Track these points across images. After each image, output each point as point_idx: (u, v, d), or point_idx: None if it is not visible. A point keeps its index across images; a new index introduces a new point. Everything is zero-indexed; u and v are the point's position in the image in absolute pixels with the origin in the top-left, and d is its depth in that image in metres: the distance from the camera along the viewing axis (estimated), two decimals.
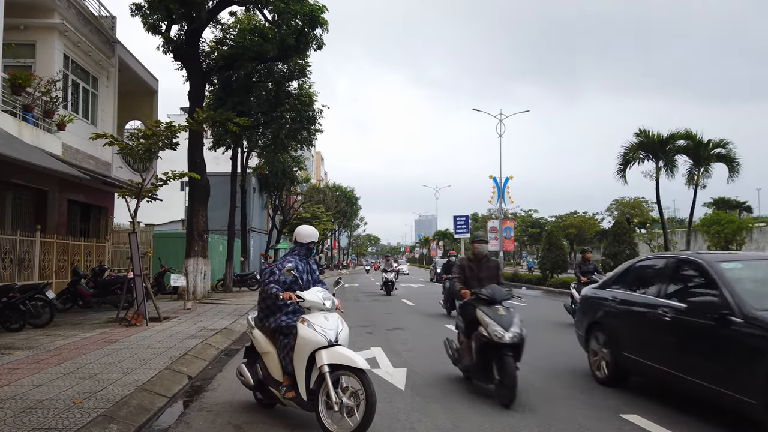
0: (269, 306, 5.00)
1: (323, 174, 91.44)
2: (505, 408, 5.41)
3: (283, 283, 4.88)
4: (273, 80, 21.44)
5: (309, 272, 5.21)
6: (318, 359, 4.43)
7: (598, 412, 5.33)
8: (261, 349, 5.05)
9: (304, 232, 5.28)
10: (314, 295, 4.74)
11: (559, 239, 34.05)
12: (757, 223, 54.13)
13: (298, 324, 4.65)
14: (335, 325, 4.62)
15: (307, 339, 4.50)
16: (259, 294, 5.18)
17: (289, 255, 5.23)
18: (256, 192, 34.51)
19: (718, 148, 16.39)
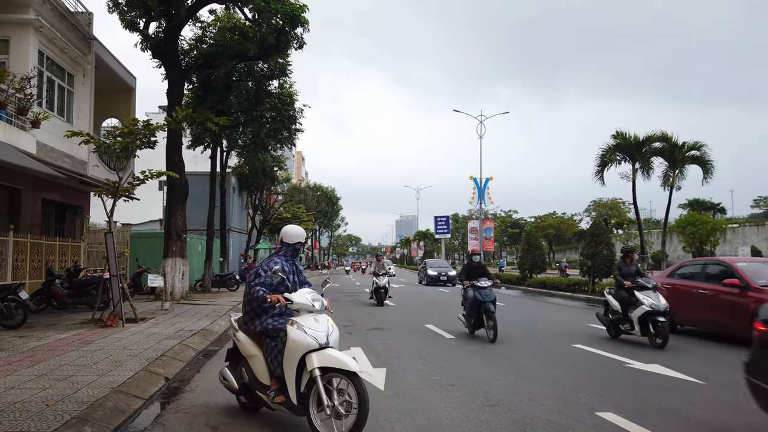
0: (255, 308, 4.87)
1: (304, 174, 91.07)
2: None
3: (270, 285, 4.77)
4: (253, 79, 21.29)
5: (296, 273, 5.12)
6: (308, 362, 4.34)
7: (574, 410, 5.40)
8: (246, 353, 4.92)
9: (291, 232, 5.16)
10: (303, 296, 4.63)
11: (538, 240, 34.35)
12: (730, 224, 55.34)
13: (287, 327, 4.54)
14: (326, 327, 4.52)
15: (298, 342, 4.40)
16: (244, 296, 5.06)
17: (275, 256, 5.11)
18: (236, 192, 34.25)
19: (692, 151, 16.72)
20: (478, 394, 5.99)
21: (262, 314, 4.81)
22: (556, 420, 5.05)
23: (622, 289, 10.02)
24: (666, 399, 5.82)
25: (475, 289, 10.06)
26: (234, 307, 14.78)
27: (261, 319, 4.79)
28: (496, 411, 5.35)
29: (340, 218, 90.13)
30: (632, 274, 10.09)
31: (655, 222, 65.23)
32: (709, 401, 5.76)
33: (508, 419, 5.09)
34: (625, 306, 9.85)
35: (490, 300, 9.93)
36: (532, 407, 5.49)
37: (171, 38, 17.26)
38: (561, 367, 7.60)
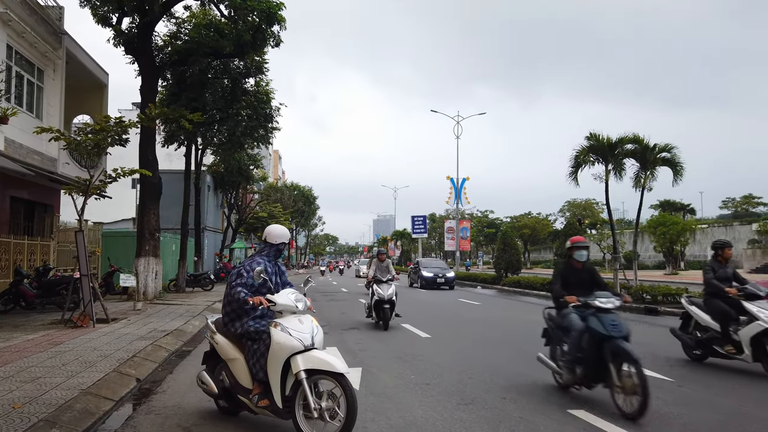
0: (235, 310, 4.72)
1: (281, 173, 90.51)
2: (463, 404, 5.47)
3: (251, 287, 4.64)
4: (229, 77, 21.10)
5: (278, 274, 4.98)
6: (294, 365, 4.24)
7: (547, 408, 5.47)
8: (226, 356, 4.78)
9: (275, 232, 5.01)
10: (285, 297, 4.53)
11: (513, 240, 34.75)
12: (699, 224, 56.67)
13: (271, 329, 4.42)
14: (310, 327, 4.43)
15: (283, 344, 4.29)
16: (224, 297, 4.91)
17: (258, 256, 4.97)
18: (211, 190, 33.86)
19: (663, 153, 17.03)
20: (453, 393, 6.02)
21: (243, 316, 4.68)
22: (529, 417, 5.11)
23: (719, 297, 7.47)
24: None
25: (592, 314, 5.65)
26: (208, 307, 14.63)
27: (242, 321, 4.66)
28: (470, 409, 5.39)
29: (318, 217, 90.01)
30: (729, 278, 7.68)
31: (627, 222, 66.41)
32: (677, 398, 5.88)
33: (482, 417, 5.13)
34: (725, 321, 7.31)
35: (622, 335, 5.48)
36: (506, 405, 5.55)
37: (145, 34, 16.99)
38: (535, 366, 7.67)
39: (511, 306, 18.25)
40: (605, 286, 6.18)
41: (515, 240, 50.71)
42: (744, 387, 6.47)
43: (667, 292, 16.34)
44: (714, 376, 7.08)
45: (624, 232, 48.79)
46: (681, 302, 8.61)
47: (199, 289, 21.79)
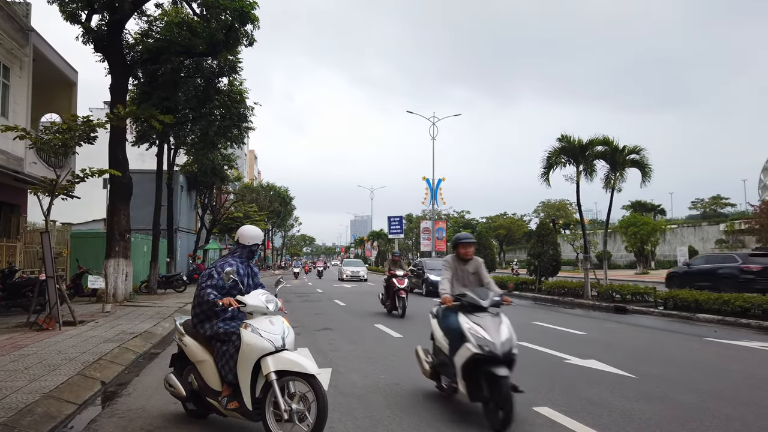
0: (204, 311, 4.66)
1: (257, 173, 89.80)
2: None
3: (221, 288, 4.57)
4: (202, 76, 20.86)
5: (250, 276, 4.90)
6: (264, 366, 4.19)
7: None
8: (195, 358, 4.71)
9: (248, 233, 4.94)
10: (256, 299, 4.47)
11: (488, 239, 35.15)
12: (669, 225, 57.89)
13: (241, 330, 4.37)
14: (281, 329, 4.38)
15: (253, 345, 4.24)
16: (194, 298, 4.85)
17: (230, 257, 4.90)
18: (184, 190, 33.45)
19: (632, 154, 17.39)
20: (422, 392, 6.07)
21: (213, 317, 4.62)
22: None
23: None
24: (599, 393, 6.05)
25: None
26: (179, 309, 14.46)
27: (211, 322, 4.61)
28: (437, 407, 5.44)
29: (294, 218, 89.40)
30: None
31: (600, 223, 67.48)
32: (639, 394, 6.01)
33: (448, 415, 5.18)
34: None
35: None
36: (472, 404, 5.59)
37: (115, 32, 16.71)
38: None
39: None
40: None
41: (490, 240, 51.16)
42: (706, 383, 6.64)
43: (636, 291, 16.67)
44: (677, 372, 7.24)
45: (596, 232, 49.60)
46: None
47: (171, 290, 21.51)
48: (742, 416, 5.20)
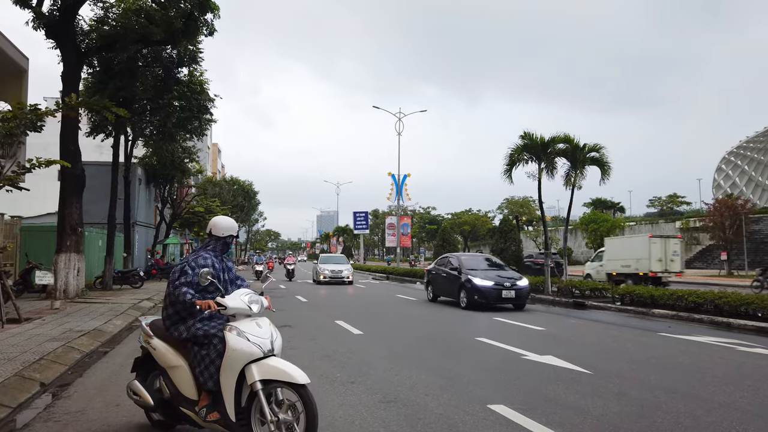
0: (178, 311, 4.22)
1: (220, 166, 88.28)
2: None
3: (197, 285, 4.18)
4: (161, 65, 20.26)
5: (225, 270, 4.51)
6: (248, 375, 3.87)
7: (468, 403, 5.48)
8: (166, 363, 4.28)
9: (222, 224, 4.55)
10: (238, 301, 4.10)
11: (452, 236, 35.36)
12: (628, 222, 59.42)
13: (226, 333, 4.01)
14: (269, 332, 4.06)
15: (239, 351, 3.90)
16: (165, 297, 4.38)
17: (203, 250, 4.47)
18: (143, 183, 32.54)
19: (592, 152, 17.67)
20: (376, 391, 5.95)
21: (189, 318, 4.19)
22: (449, 414, 5.10)
23: None
24: (555, 389, 6.04)
25: None
26: (134, 306, 14.02)
27: (187, 323, 4.17)
28: (391, 407, 5.33)
29: (258, 213, 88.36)
30: None
31: (562, 219, 68.89)
32: (594, 390, 6.03)
33: (402, 415, 5.08)
34: None
35: None
36: (427, 402, 5.52)
37: (67, 17, 16.03)
38: (461, 361, 7.74)
39: (446, 302, 18.43)
40: None
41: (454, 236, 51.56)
42: (659, 378, 6.71)
43: (594, 287, 16.96)
44: (632, 368, 7.32)
45: (558, 229, 50.49)
46: None
47: (127, 286, 20.88)
48: (692, 412, 5.25)
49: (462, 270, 15.94)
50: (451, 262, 17.19)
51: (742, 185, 60.08)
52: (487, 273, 15.62)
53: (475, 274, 15.47)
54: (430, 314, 14.25)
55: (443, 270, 17.16)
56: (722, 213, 38.06)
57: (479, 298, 14.77)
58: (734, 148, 59.62)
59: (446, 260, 17.72)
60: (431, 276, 18.16)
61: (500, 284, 14.89)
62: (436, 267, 17.96)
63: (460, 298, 15.53)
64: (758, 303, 11.64)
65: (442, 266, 17.47)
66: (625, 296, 15.14)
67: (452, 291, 16.33)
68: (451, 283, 16.41)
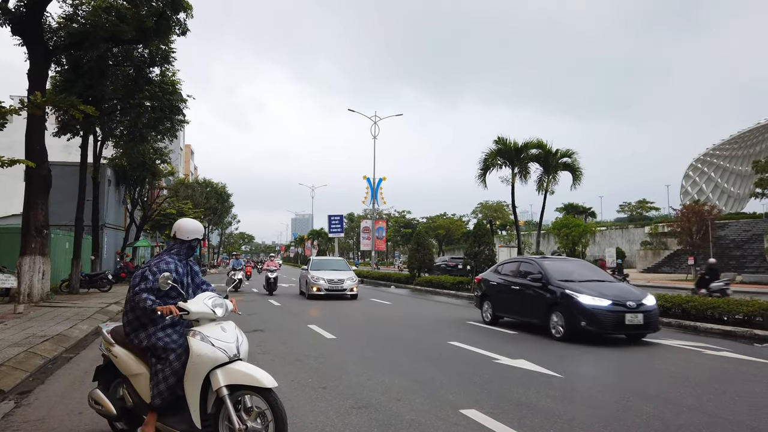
0: (138, 318, 4.07)
1: (193, 168, 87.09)
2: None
3: (158, 291, 4.04)
4: (132, 64, 19.87)
5: (190, 275, 4.37)
6: (214, 381, 3.77)
7: (440, 408, 5.45)
8: (128, 371, 4.14)
9: (187, 226, 4.39)
10: (201, 305, 3.98)
11: (426, 239, 35.38)
12: (599, 227, 60.39)
13: (189, 338, 3.90)
14: (234, 336, 3.95)
15: (204, 356, 3.78)
16: (125, 303, 4.24)
17: (167, 254, 4.31)
18: (112, 185, 31.87)
19: (564, 158, 17.93)
20: (348, 396, 5.89)
21: (149, 325, 4.04)
22: (420, 419, 5.06)
23: None
24: (527, 393, 6.06)
25: None
26: (101, 310, 13.68)
27: (148, 330, 4.03)
28: (362, 413, 5.27)
29: (232, 215, 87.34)
30: None
31: (535, 224, 69.66)
32: (565, 394, 6.06)
33: (374, 420, 5.02)
34: None
35: None
36: (399, 407, 5.47)
37: (34, 14, 15.64)
38: (434, 365, 7.72)
39: (420, 305, 18.45)
40: None
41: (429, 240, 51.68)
42: (629, 382, 6.79)
43: None
44: (601, 371, 7.39)
45: (531, 233, 51.03)
46: None
47: (95, 290, 20.40)
48: (660, 415, 5.31)
49: (551, 280, 11.00)
50: (528, 269, 12.04)
51: (708, 192, 61.57)
52: (596, 287, 10.54)
53: (577, 288, 10.42)
54: (390, 314, 14.19)
55: (514, 280, 12.18)
56: (689, 219, 38.91)
57: (588, 325, 9.80)
58: (701, 155, 61.08)
59: (518, 266, 12.60)
60: (490, 288, 12.96)
61: (621, 304, 9.86)
62: (500, 275, 12.94)
63: (552, 323, 10.52)
64: (724, 307, 11.89)
65: (510, 275, 12.54)
66: None
67: (534, 311, 11.31)
68: (531, 301, 11.39)
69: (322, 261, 23.68)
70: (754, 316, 11.10)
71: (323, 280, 20.08)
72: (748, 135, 56.05)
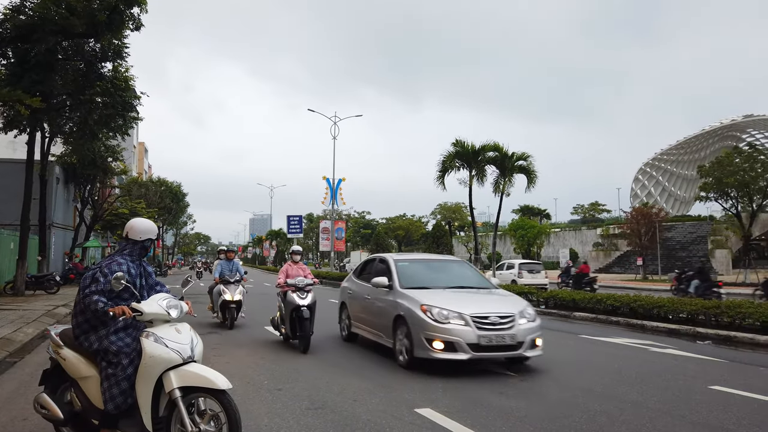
0: (88, 320, 3.97)
1: (147, 167, 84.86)
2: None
3: (110, 293, 3.93)
4: (83, 59, 19.24)
5: (143, 276, 4.28)
6: (166, 382, 3.72)
7: (396, 408, 5.51)
8: (77, 374, 4.03)
9: (139, 226, 4.29)
10: (155, 305, 3.92)
11: (385, 240, 35.60)
12: (553, 228, 61.90)
13: (142, 339, 3.84)
14: (189, 338, 3.91)
15: (157, 357, 3.74)
16: (74, 305, 4.14)
17: (118, 255, 4.20)
18: (61, 183, 30.77)
19: (520, 161, 18.35)
20: (304, 397, 5.88)
21: (100, 327, 3.94)
22: (376, 420, 5.10)
23: None
24: (482, 392, 6.18)
25: None
26: (48, 312, 13.20)
27: (98, 333, 3.93)
28: (318, 414, 5.28)
29: (187, 215, 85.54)
30: None
31: (492, 225, 70.97)
32: (518, 392, 6.21)
33: (329, 422, 5.04)
34: None
35: None
36: (356, 408, 5.51)
37: None
38: (390, 365, 7.77)
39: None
40: None
41: (388, 241, 51.95)
42: (578, 379, 7.00)
43: (521, 290, 17.48)
44: (554, 369, 7.59)
45: (489, 234, 51.89)
46: None
47: (42, 291, 19.64)
48: (607, 411, 5.51)
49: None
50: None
51: (656, 195, 63.93)
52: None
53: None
54: None
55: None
56: (638, 221, 40.37)
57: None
58: (650, 159, 63.38)
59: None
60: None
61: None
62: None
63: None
64: (669, 306, 12.40)
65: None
66: (549, 300, 15.73)
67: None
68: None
69: (420, 264, 9.72)
70: (697, 315, 11.61)
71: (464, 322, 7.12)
72: (693, 141, 58.52)
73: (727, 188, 30.65)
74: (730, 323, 11.00)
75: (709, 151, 56.95)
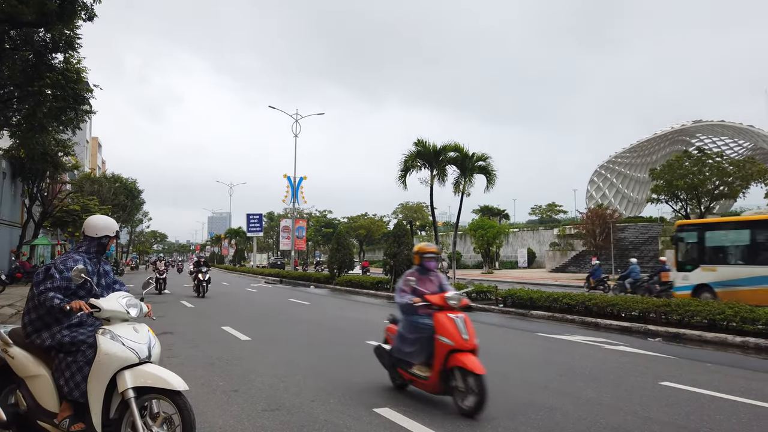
0: (41, 317, 3.88)
1: (100, 162, 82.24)
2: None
3: (66, 290, 3.84)
4: (32, 49, 18.45)
5: (101, 275, 4.18)
6: (120, 382, 3.61)
7: (354, 408, 5.46)
8: (25, 373, 3.91)
9: (97, 223, 4.17)
10: (114, 302, 3.82)
11: (347, 239, 35.44)
12: (512, 228, 62.96)
13: (98, 336, 3.72)
14: (147, 338, 3.82)
15: (113, 355, 3.62)
16: (26, 302, 4.04)
17: (75, 252, 4.11)
18: (8, 177, 29.51)
19: (480, 161, 18.56)
20: (260, 398, 5.77)
21: (54, 324, 3.86)
22: (334, 420, 5.04)
23: None
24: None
25: None
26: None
27: (52, 330, 3.84)
28: (275, 415, 5.18)
29: (143, 213, 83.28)
30: None
31: (453, 225, 71.69)
32: None
33: (286, 423, 4.95)
34: None
35: None
36: (313, 408, 5.43)
37: None
38: (350, 364, 7.73)
39: (339, 305, 18.43)
40: None
41: (349, 240, 51.81)
42: (535, 377, 7.10)
43: (480, 289, 17.71)
44: (511, 367, 7.68)
45: (449, 234, 52.39)
46: None
47: None
48: (562, 407, 5.60)
49: None
50: None
51: (611, 196, 65.70)
52: None
53: None
54: (308, 315, 14.14)
55: None
56: (593, 221, 41.45)
57: None
58: (605, 162, 65.09)
59: None
60: None
61: None
62: None
63: None
64: (622, 304, 12.74)
65: None
66: (507, 298, 15.95)
67: None
68: None
69: None
70: (649, 313, 11.97)
71: None
72: (646, 144, 60.41)
73: (677, 191, 31.75)
74: (679, 321, 11.38)
75: (661, 155, 58.87)
